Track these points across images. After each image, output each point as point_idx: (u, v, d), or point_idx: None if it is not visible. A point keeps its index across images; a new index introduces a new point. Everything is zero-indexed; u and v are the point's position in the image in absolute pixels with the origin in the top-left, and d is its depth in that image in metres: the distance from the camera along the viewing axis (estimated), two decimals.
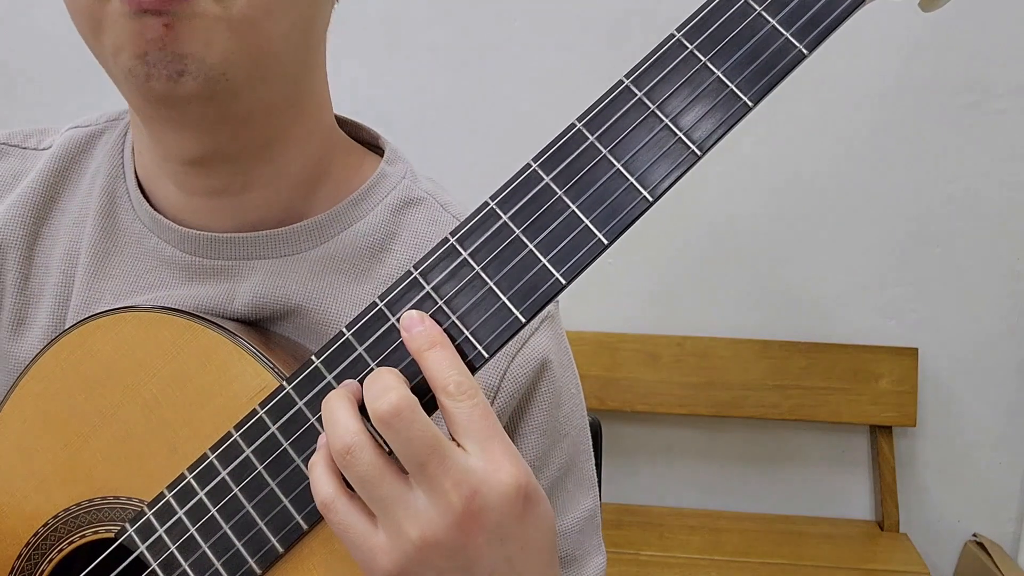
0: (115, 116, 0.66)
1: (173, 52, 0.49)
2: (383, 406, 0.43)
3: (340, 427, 0.44)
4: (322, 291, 0.59)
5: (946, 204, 1.72)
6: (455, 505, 0.42)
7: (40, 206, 0.64)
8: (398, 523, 0.43)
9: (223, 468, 0.50)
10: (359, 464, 0.43)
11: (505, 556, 0.44)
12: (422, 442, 0.42)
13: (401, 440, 0.42)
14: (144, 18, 0.48)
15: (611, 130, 0.45)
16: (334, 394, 0.46)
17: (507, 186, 0.46)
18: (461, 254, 0.46)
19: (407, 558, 0.43)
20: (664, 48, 0.45)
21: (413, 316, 0.46)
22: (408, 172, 0.64)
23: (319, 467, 0.45)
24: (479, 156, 1.74)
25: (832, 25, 0.44)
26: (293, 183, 0.59)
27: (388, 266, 0.61)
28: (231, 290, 0.59)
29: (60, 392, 0.55)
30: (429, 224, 0.62)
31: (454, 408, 0.43)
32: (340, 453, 0.43)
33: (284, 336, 0.59)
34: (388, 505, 0.43)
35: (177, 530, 0.50)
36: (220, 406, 0.51)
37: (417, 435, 0.42)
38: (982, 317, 1.75)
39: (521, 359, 0.61)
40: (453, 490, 0.42)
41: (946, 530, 1.84)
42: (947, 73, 1.67)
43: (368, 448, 0.43)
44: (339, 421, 0.44)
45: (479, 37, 1.74)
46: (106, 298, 0.61)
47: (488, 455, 0.43)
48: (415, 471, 0.43)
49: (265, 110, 0.55)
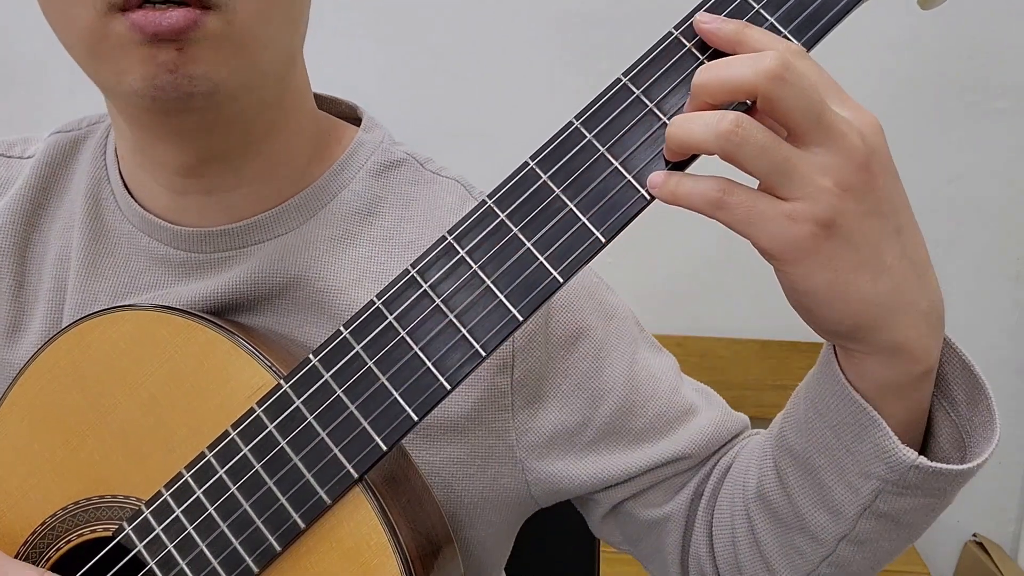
0: (96, 119, 0.67)
1: (184, 75, 0.49)
2: (771, 62, 0.40)
3: (711, 116, 0.41)
4: (317, 260, 0.60)
5: (946, 204, 1.72)
6: (856, 146, 0.41)
7: (29, 212, 0.64)
8: (810, 179, 0.41)
9: (220, 467, 0.49)
10: (753, 131, 0.40)
11: (900, 193, 0.44)
12: (815, 88, 0.40)
13: (797, 92, 0.40)
14: (157, 45, 0.48)
15: (609, 128, 0.45)
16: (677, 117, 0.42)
17: (504, 184, 0.46)
18: (459, 252, 0.46)
19: (829, 208, 0.41)
20: (662, 46, 0.45)
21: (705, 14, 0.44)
22: (386, 137, 0.65)
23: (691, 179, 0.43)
24: (477, 155, 1.74)
25: (830, 23, 0.44)
26: (283, 172, 0.60)
27: (378, 228, 0.61)
28: (228, 280, 0.59)
29: (58, 391, 0.55)
30: (411, 184, 0.63)
31: (808, 67, 0.41)
32: (729, 131, 0.40)
33: (281, 335, 0.59)
34: (795, 164, 0.41)
35: (175, 529, 0.50)
36: (218, 404, 0.51)
37: (810, 81, 0.40)
38: (982, 317, 1.74)
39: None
40: (850, 133, 0.41)
41: (946, 530, 1.84)
42: (947, 73, 1.67)
43: (752, 119, 0.40)
44: (705, 115, 0.41)
45: (477, 35, 1.74)
46: (101, 299, 0.61)
47: (849, 103, 0.42)
48: (812, 124, 0.40)
49: (256, 109, 0.56)
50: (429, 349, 0.46)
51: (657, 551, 0.66)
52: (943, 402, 0.50)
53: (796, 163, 0.41)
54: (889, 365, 0.46)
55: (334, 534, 0.48)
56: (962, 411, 0.49)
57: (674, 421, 0.63)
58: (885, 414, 0.47)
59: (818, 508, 0.52)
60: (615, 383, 0.62)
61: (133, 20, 0.48)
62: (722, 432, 0.64)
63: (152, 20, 0.47)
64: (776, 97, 0.40)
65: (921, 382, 0.47)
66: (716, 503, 0.62)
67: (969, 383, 0.49)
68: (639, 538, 0.67)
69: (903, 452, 0.46)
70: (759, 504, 0.57)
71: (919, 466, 0.47)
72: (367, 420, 0.47)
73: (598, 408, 0.62)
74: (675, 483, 0.64)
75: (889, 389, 0.47)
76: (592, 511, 0.67)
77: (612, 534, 0.68)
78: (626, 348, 0.64)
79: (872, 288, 0.43)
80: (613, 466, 0.62)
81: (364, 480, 0.48)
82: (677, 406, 0.63)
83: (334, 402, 0.48)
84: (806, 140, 0.41)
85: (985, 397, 0.49)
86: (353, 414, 0.47)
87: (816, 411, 0.50)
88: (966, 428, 0.49)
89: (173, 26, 0.47)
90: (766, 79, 0.40)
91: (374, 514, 0.48)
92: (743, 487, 0.59)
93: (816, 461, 0.51)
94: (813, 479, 0.52)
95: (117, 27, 0.48)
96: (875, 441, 0.47)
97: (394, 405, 0.47)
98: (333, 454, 0.47)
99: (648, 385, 0.63)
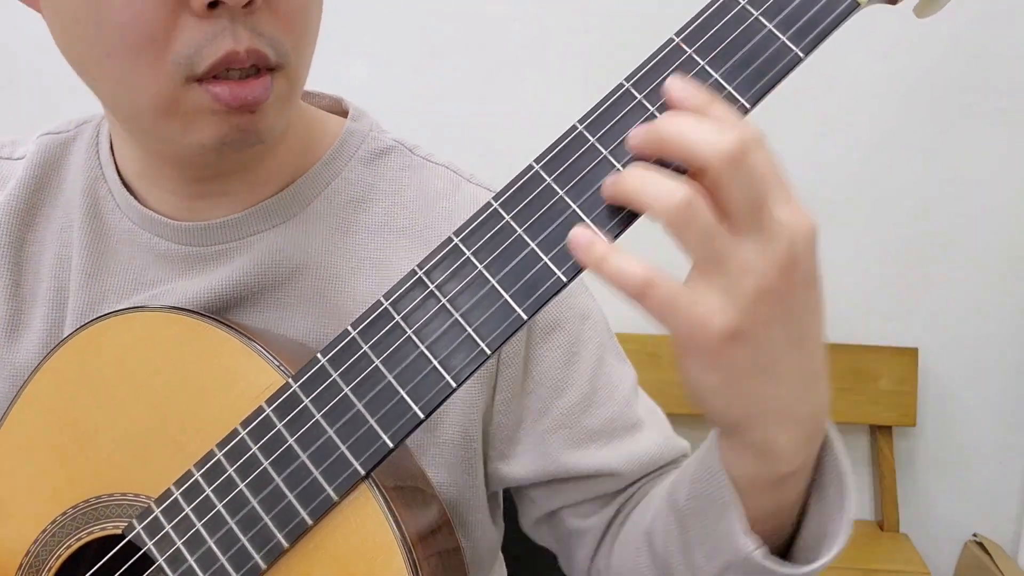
0: (83, 120, 0.67)
1: (253, 132, 0.53)
2: (730, 143, 0.39)
3: (666, 185, 0.40)
4: (315, 250, 0.61)
5: (946, 204, 1.72)
6: (782, 252, 0.40)
7: (24, 213, 0.65)
8: (733, 276, 0.40)
9: (230, 465, 0.50)
10: (700, 216, 0.39)
11: (812, 305, 0.43)
12: (763, 181, 0.40)
13: (746, 180, 0.39)
14: (236, 113, 0.51)
15: (612, 132, 0.45)
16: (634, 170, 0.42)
17: (510, 187, 0.47)
18: (464, 253, 0.47)
19: (743, 312, 0.41)
20: (663, 52, 0.46)
21: (676, 80, 0.43)
22: (373, 125, 0.66)
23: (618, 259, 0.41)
24: (482, 157, 1.74)
25: (828, 29, 0.44)
26: (278, 164, 0.61)
27: (373, 215, 0.63)
28: (231, 272, 0.60)
29: (70, 391, 0.56)
30: (402, 170, 0.64)
31: (763, 156, 0.40)
32: (680, 209, 0.39)
33: (288, 338, 0.60)
34: (724, 258, 0.40)
35: (184, 526, 0.51)
36: (227, 403, 0.52)
37: (761, 173, 0.39)
38: (982, 317, 1.75)
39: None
40: (779, 237, 0.40)
41: (946, 530, 1.84)
42: (947, 73, 1.67)
43: (702, 200, 0.40)
44: (661, 181, 0.40)
45: (481, 40, 1.74)
46: (109, 297, 0.62)
47: (793, 203, 0.41)
48: (749, 217, 0.40)
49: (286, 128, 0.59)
50: (435, 348, 0.47)
51: (570, 557, 0.68)
52: (817, 498, 0.51)
53: (728, 257, 0.40)
54: (757, 462, 0.47)
55: (341, 530, 0.49)
56: (832, 512, 0.50)
57: (622, 431, 0.65)
58: (750, 503, 0.48)
59: (684, 565, 0.54)
60: (579, 378, 0.64)
61: (216, 94, 0.50)
62: (657, 460, 0.65)
63: (237, 95, 0.50)
64: (725, 180, 0.39)
65: (785, 482, 0.48)
66: (623, 526, 0.64)
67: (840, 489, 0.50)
68: (562, 542, 0.69)
69: (742, 541, 0.48)
70: (646, 540, 0.59)
71: (750, 559, 0.48)
72: (374, 418, 0.48)
73: (559, 398, 0.64)
74: (605, 498, 0.66)
75: (756, 481, 0.48)
76: (528, 511, 0.69)
77: (544, 537, 0.71)
78: (595, 349, 0.66)
79: (761, 392, 0.43)
80: (557, 460, 0.64)
81: (371, 477, 0.49)
82: (627, 417, 0.65)
83: (342, 400, 0.48)
84: (739, 231, 0.40)
85: (845, 510, 0.49)
86: (360, 412, 0.48)
87: (698, 477, 0.52)
88: (831, 529, 0.49)
89: (257, 99, 0.51)
90: (722, 158, 0.39)
91: (380, 511, 0.48)
92: (642, 519, 0.61)
93: (689, 522, 0.53)
94: (684, 537, 0.53)
95: (195, 97, 0.51)
96: (728, 523, 0.49)
97: (401, 403, 0.47)
98: (340, 451, 0.48)
99: (607, 389, 0.65)
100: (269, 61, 0.51)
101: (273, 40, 0.51)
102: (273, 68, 0.52)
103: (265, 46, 0.51)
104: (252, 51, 0.50)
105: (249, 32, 0.50)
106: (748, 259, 0.40)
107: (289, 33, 0.52)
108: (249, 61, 0.50)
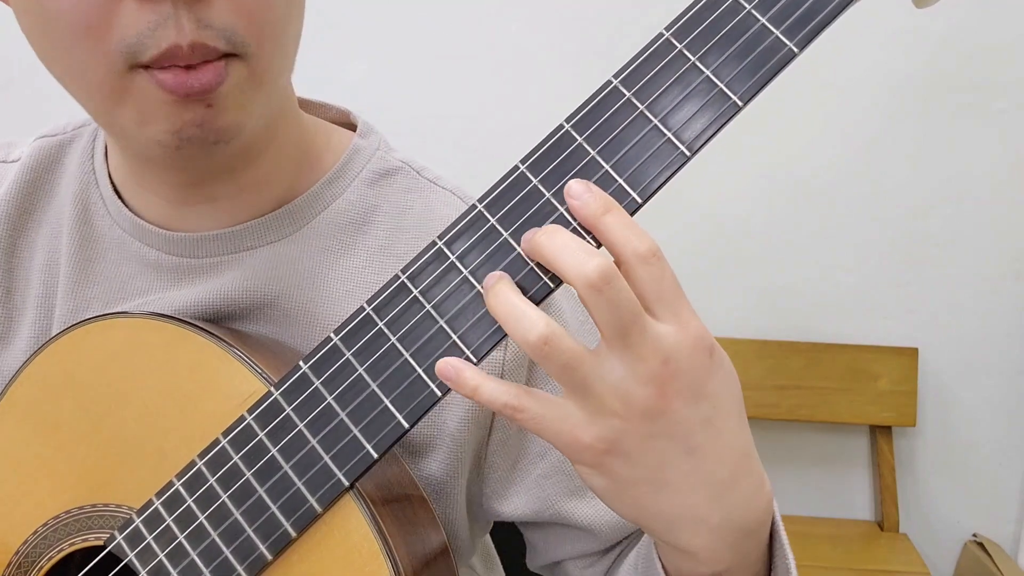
0: (81, 123, 0.66)
1: (211, 128, 0.49)
2: (592, 272, 0.40)
3: (529, 319, 0.41)
4: (309, 271, 0.59)
5: (946, 204, 1.72)
6: (654, 370, 0.41)
7: (15, 217, 0.63)
8: (599, 398, 0.41)
9: (211, 475, 0.49)
10: (562, 351, 0.41)
11: (702, 417, 0.42)
12: (628, 307, 0.40)
13: (608, 306, 0.40)
14: (185, 103, 0.48)
15: (599, 130, 0.44)
16: (500, 289, 0.43)
17: (494, 189, 0.45)
18: (449, 257, 0.45)
19: (612, 430, 0.42)
20: (653, 47, 0.44)
21: (578, 183, 0.43)
22: (381, 143, 0.64)
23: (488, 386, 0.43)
24: (471, 159, 1.73)
25: (823, 23, 0.43)
26: (275, 179, 0.59)
27: (373, 237, 0.61)
28: (220, 286, 0.58)
29: (50, 398, 0.55)
30: (406, 192, 0.62)
31: (648, 273, 0.41)
32: (538, 345, 0.41)
33: (273, 340, 0.59)
34: (589, 383, 0.41)
35: (166, 537, 0.50)
36: (209, 412, 0.51)
37: (625, 299, 0.40)
38: (982, 317, 1.74)
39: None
40: (652, 356, 0.40)
41: (946, 530, 1.84)
42: (947, 72, 1.66)
43: (563, 332, 0.41)
44: (526, 314, 0.41)
45: (475, 40, 1.73)
46: (93, 305, 0.61)
47: (678, 318, 0.41)
48: (616, 340, 0.41)
49: (257, 126, 0.55)
50: (420, 355, 0.46)
51: None
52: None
53: (591, 382, 0.41)
54: (682, 559, 0.47)
55: (325, 542, 0.48)
56: None
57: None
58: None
59: None
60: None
61: (161, 80, 0.47)
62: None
63: (183, 83, 0.47)
64: (589, 304, 0.40)
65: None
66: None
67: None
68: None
69: None
70: None
71: None
72: (357, 427, 0.46)
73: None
74: (597, 555, 0.65)
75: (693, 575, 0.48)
76: (534, 557, 0.69)
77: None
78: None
79: (651, 500, 0.43)
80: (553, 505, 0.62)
81: (355, 488, 0.48)
82: None
83: (324, 409, 0.47)
84: (610, 348, 0.41)
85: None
86: (344, 421, 0.47)
87: (640, 566, 0.54)
88: None
89: (205, 87, 0.47)
90: (583, 284, 0.40)
91: (365, 522, 0.47)
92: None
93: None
94: None
95: (141, 83, 0.48)
96: None
97: (385, 412, 0.46)
98: (324, 462, 0.47)
99: None
100: (218, 51, 0.47)
101: (226, 32, 0.47)
102: (231, 54, 0.48)
103: (214, 38, 0.47)
104: (197, 45, 0.46)
105: (194, 24, 0.46)
106: (617, 379, 0.41)
107: (249, 25, 0.48)
108: (196, 57, 0.47)
